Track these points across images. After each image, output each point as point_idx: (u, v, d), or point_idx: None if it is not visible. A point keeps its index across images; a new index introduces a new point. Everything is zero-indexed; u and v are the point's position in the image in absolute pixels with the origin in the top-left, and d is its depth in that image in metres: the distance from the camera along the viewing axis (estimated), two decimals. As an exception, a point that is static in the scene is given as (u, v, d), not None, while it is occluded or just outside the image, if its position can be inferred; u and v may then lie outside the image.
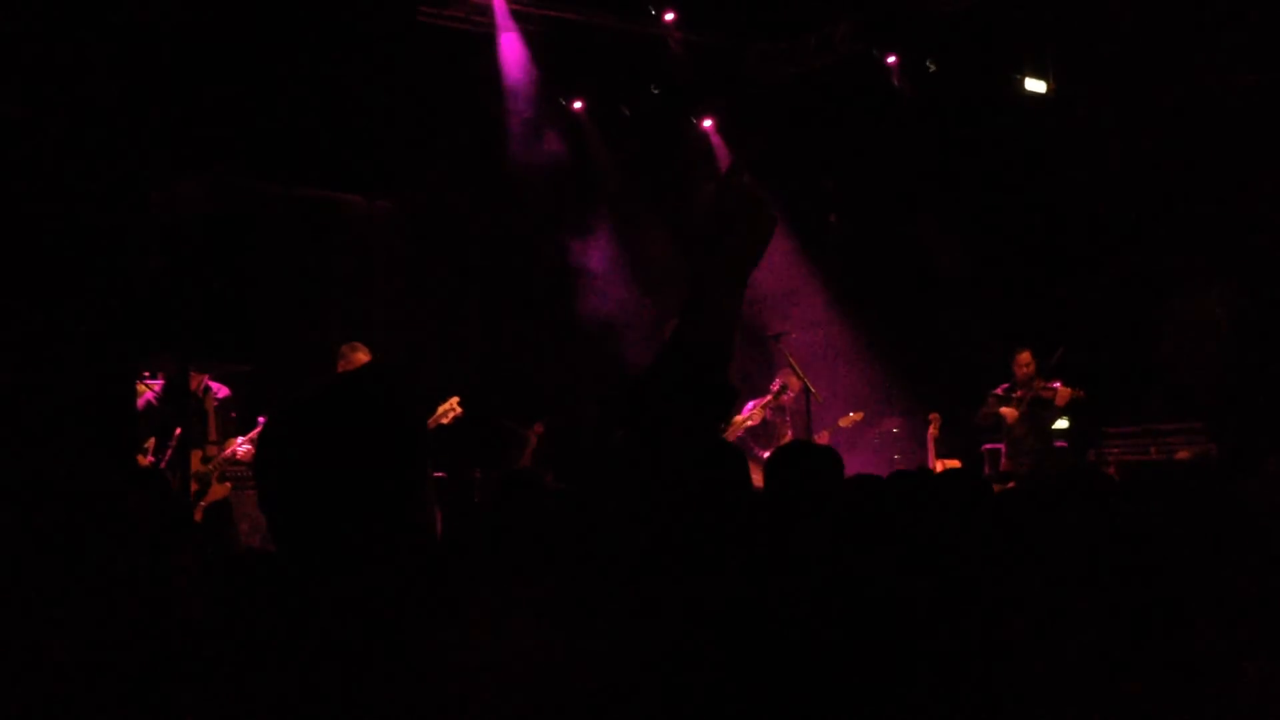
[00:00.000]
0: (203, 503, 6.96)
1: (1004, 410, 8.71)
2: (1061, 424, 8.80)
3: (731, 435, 7.78)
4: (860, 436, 9.78)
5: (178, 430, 6.76)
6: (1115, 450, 8.73)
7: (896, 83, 10.24)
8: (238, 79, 8.25)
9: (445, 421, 7.41)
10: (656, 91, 10.55)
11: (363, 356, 7.23)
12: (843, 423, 8.61)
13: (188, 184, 8.95)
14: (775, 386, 7.88)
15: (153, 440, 6.87)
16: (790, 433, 8.07)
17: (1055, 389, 8.51)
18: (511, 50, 9.88)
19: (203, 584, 2.16)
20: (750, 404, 8.25)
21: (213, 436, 7.15)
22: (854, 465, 3.38)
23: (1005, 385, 8.87)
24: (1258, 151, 8.51)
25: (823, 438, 8.24)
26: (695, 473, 2.18)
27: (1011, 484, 8.42)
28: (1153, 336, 9.32)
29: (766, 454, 6.66)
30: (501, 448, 9.59)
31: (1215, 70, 8.53)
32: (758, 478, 2.57)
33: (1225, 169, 8.71)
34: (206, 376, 7.28)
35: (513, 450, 9.79)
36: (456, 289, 10.06)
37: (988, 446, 9.36)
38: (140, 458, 6.60)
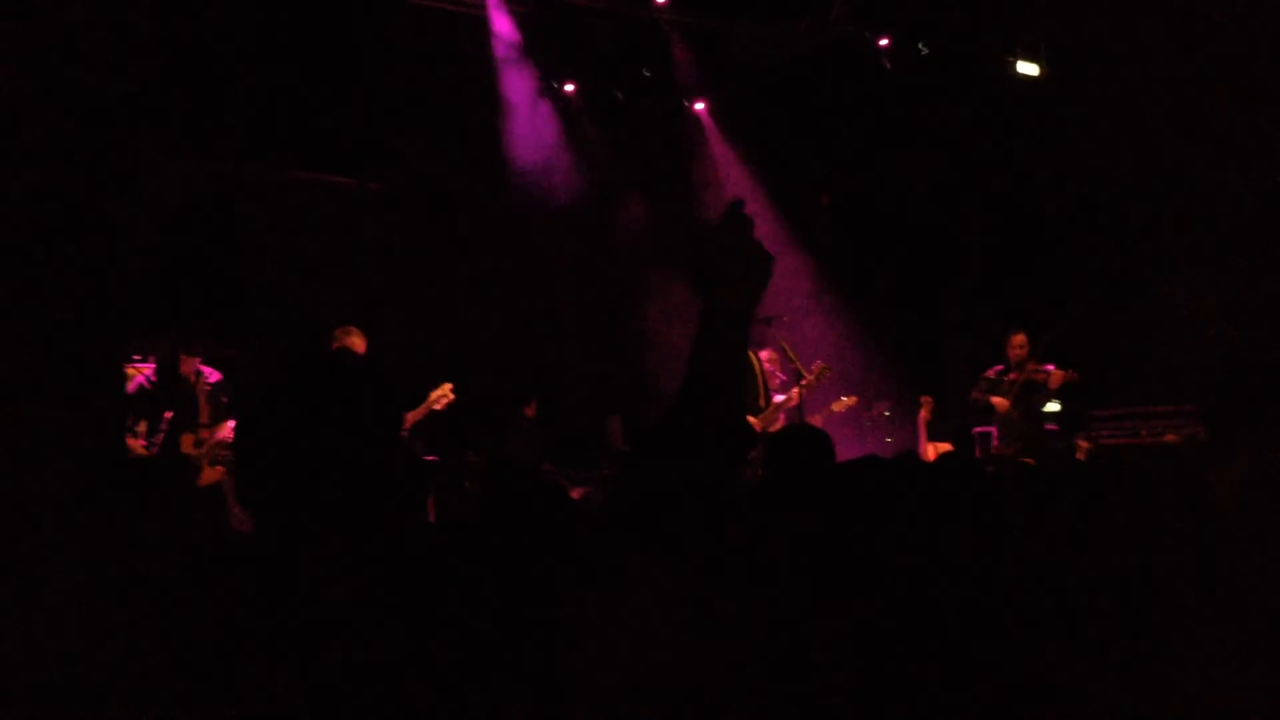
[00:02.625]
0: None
1: (995, 400, 8.75)
2: (1053, 407, 8.81)
3: (770, 417, 7.79)
4: (853, 420, 9.79)
5: (168, 414, 6.76)
6: (1106, 433, 8.75)
7: (889, 65, 10.22)
8: (228, 62, 8.22)
9: (439, 408, 7.39)
10: (648, 74, 10.52)
11: (357, 339, 7.21)
12: (836, 407, 8.61)
13: (178, 168, 8.93)
14: (816, 367, 7.90)
15: (144, 424, 6.86)
16: (783, 417, 8.09)
17: (1048, 371, 8.54)
18: (503, 33, 9.84)
19: (197, 567, 2.15)
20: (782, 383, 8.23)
21: (204, 420, 7.14)
22: (846, 449, 3.40)
23: (999, 367, 8.88)
24: (1251, 136, 8.52)
25: (816, 421, 8.25)
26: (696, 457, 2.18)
27: (998, 467, 8.46)
28: (1145, 319, 9.34)
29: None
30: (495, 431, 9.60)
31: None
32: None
33: (1219, 153, 8.72)
34: (198, 360, 7.27)
35: (507, 433, 9.78)
36: (448, 271, 10.04)
37: (979, 430, 9.37)
38: (131, 441, 6.59)
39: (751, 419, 7.68)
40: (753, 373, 7.93)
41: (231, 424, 7.13)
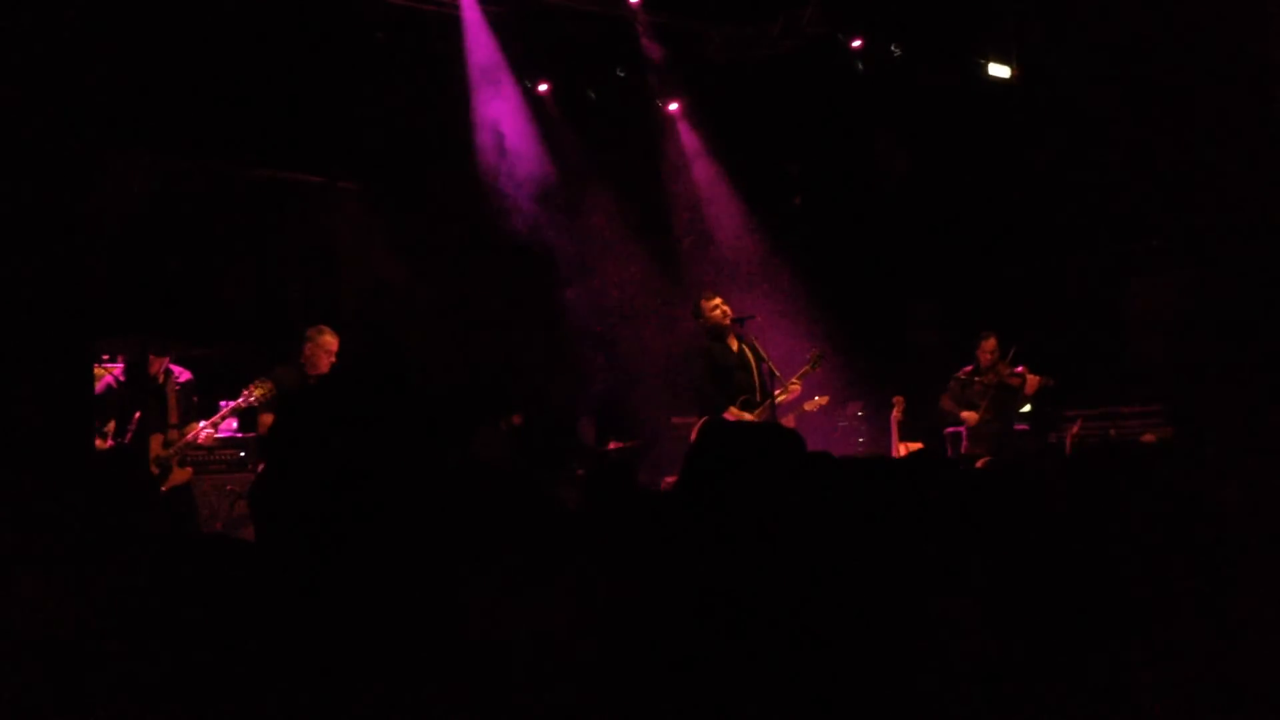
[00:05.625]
0: (163, 488, 6.88)
1: (964, 415, 8.82)
2: (1024, 408, 8.89)
3: (766, 411, 7.75)
4: (825, 420, 9.82)
5: (137, 414, 6.70)
6: (1075, 432, 8.83)
7: (861, 67, 10.26)
8: (198, 59, 8.16)
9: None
10: (622, 75, 10.52)
11: (329, 339, 7.17)
12: (808, 406, 8.62)
13: (148, 165, 8.86)
14: (811, 355, 7.94)
15: (113, 424, 6.80)
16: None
17: (1023, 376, 8.58)
18: (476, 32, 9.81)
19: (163, 568, 2.14)
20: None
21: (174, 420, 7.08)
22: (818, 448, 3.39)
23: (969, 368, 8.94)
24: (1220, 137, 8.59)
25: (789, 421, 8.26)
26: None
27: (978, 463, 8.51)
28: (1114, 320, 9.42)
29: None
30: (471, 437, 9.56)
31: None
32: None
33: (1188, 155, 8.79)
34: (167, 360, 7.22)
35: (483, 437, 9.74)
36: (421, 272, 10.00)
37: (950, 430, 9.43)
38: (99, 441, 6.52)
39: (746, 414, 7.65)
40: (747, 367, 7.88)
41: (202, 424, 7.07)
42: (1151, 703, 1.91)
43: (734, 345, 7.91)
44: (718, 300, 7.96)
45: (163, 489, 6.87)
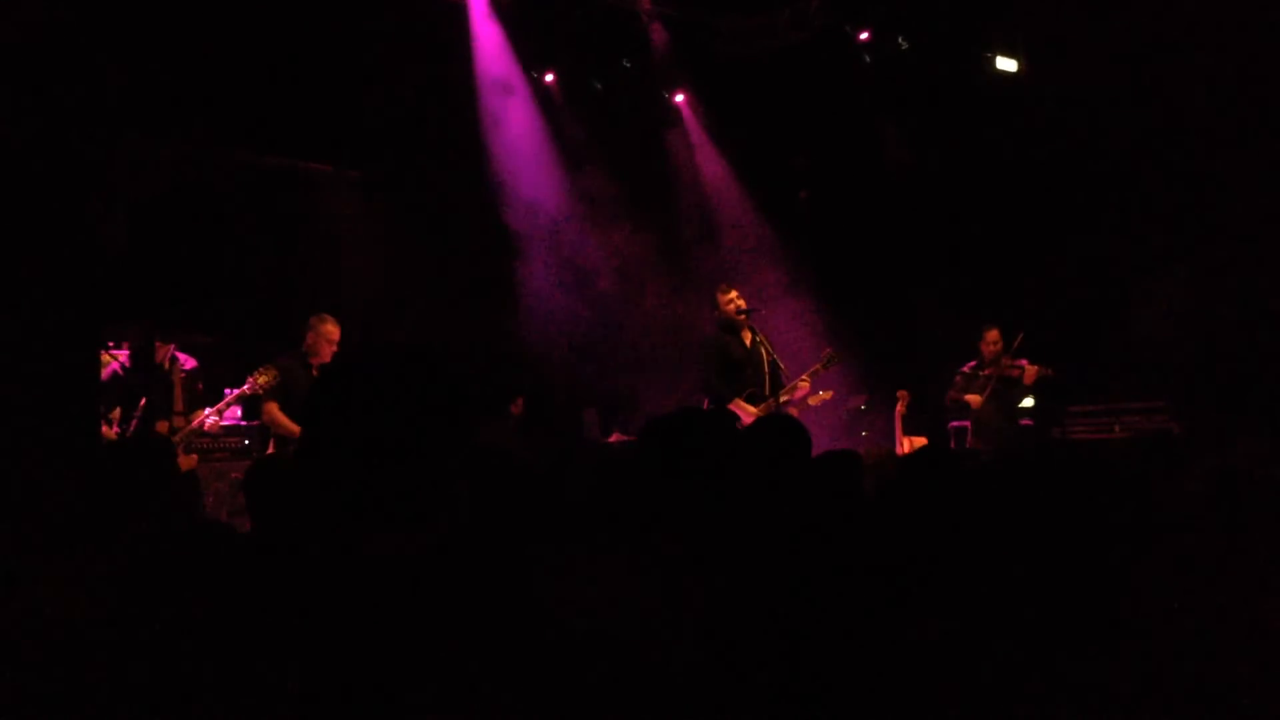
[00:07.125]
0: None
1: (968, 398, 8.81)
2: (1027, 403, 8.88)
3: (772, 407, 7.74)
4: (829, 414, 9.82)
5: (143, 401, 6.72)
6: (1079, 429, 8.83)
7: (868, 59, 10.24)
8: (204, 46, 8.16)
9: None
10: (628, 65, 10.51)
11: (331, 328, 7.18)
12: (812, 400, 8.62)
13: (154, 152, 8.86)
14: (823, 355, 7.96)
15: (118, 410, 6.81)
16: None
17: (1023, 367, 8.60)
18: (483, 21, 9.81)
19: (172, 555, 2.15)
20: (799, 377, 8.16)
21: (179, 408, 7.09)
22: (823, 442, 3.41)
23: (973, 363, 8.93)
24: (1224, 134, 8.59)
25: (792, 413, 8.26)
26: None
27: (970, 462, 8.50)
28: (1118, 316, 9.41)
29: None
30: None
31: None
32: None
33: (1192, 151, 8.79)
34: (173, 347, 7.24)
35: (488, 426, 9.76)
36: (426, 260, 10.01)
37: (954, 424, 9.43)
38: (105, 428, 6.54)
39: (752, 408, 7.63)
40: (757, 362, 7.85)
41: (207, 411, 7.09)
42: (1143, 702, 1.92)
43: (747, 339, 7.88)
44: (733, 293, 7.92)
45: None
